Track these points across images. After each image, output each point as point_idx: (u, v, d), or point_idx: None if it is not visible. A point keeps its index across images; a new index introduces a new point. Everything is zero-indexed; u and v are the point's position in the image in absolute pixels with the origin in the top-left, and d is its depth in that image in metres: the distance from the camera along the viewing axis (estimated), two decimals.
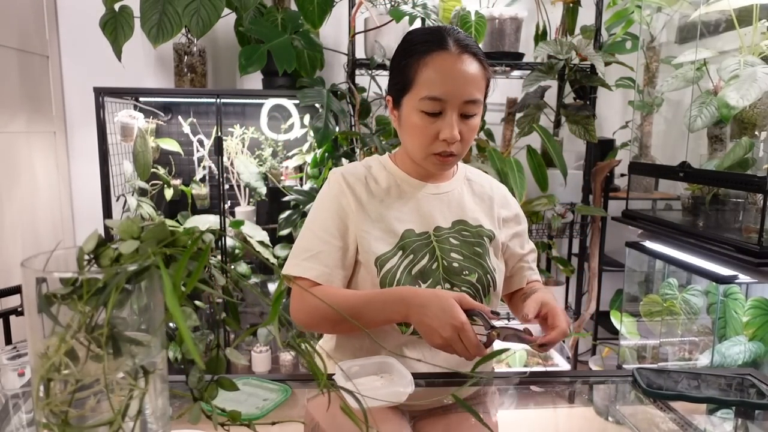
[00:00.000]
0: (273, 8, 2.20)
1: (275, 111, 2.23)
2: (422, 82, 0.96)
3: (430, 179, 1.08)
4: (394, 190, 1.06)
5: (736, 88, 1.48)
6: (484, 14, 2.10)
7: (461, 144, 0.99)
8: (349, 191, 1.04)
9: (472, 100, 0.96)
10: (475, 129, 1.00)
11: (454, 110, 0.96)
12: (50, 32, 2.24)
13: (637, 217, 1.93)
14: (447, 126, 0.96)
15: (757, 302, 1.53)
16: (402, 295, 0.91)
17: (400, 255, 1.00)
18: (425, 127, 0.97)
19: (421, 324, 0.87)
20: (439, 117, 0.96)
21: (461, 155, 1.02)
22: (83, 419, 0.44)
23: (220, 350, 0.57)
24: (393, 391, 0.79)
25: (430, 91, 0.95)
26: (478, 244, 1.05)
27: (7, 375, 0.79)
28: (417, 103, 0.97)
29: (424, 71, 0.96)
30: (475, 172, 1.16)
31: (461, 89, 0.95)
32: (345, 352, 1.07)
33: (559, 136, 2.43)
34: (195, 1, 1.74)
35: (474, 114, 0.98)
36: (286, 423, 0.77)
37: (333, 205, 1.04)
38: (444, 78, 0.95)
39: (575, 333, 2.41)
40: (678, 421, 0.88)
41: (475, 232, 1.06)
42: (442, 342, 0.86)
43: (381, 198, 1.05)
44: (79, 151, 2.36)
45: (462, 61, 0.95)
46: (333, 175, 1.07)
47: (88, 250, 0.46)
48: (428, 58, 0.96)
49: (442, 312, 0.85)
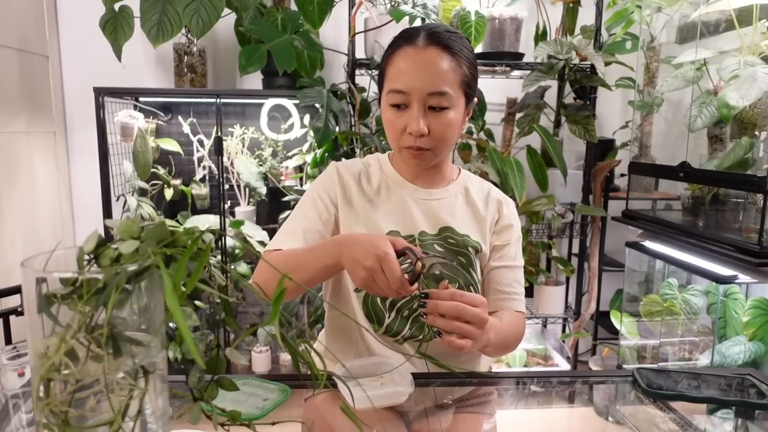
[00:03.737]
0: (273, 8, 2.20)
1: (275, 111, 2.23)
2: (389, 76, 0.98)
3: (422, 182, 1.07)
4: (384, 190, 1.07)
5: (736, 88, 1.48)
6: (484, 14, 2.10)
7: (432, 139, 0.97)
8: (339, 186, 1.05)
9: (437, 92, 0.94)
10: (449, 124, 0.97)
11: (419, 103, 0.95)
12: (50, 32, 2.24)
13: (637, 217, 1.93)
14: (412, 119, 0.95)
15: (757, 302, 1.53)
16: (338, 237, 0.91)
17: None
18: (394, 120, 0.98)
19: (348, 259, 0.84)
20: (406, 110, 0.97)
21: (437, 150, 0.99)
22: (83, 419, 0.44)
23: (220, 350, 0.56)
24: (393, 391, 0.79)
25: (394, 84, 0.96)
26: (462, 254, 1.03)
27: (7, 375, 0.79)
28: (386, 97, 0.98)
29: (391, 65, 0.98)
30: (477, 183, 1.13)
31: (424, 81, 0.94)
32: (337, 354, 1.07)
33: (559, 136, 2.43)
34: (195, 1, 1.74)
35: (444, 107, 0.96)
36: (286, 423, 0.77)
37: (321, 192, 1.06)
38: (406, 70, 0.96)
39: (575, 333, 2.41)
40: (678, 421, 0.88)
41: (461, 241, 1.04)
42: (365, 275, 0.82)
43: (370, 197, 1.06)
44: (79, 151, 2.36)
45: (427, 53, 0.95)
46: (330, 166, 1.09)
47: (88, 250, 0.46)
48: (396, 52, 0.98)
49: (369, 244, 0.82)
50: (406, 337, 1.02)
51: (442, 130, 0.97)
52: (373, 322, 1.02)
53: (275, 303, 0.50)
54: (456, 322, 0.80)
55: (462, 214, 1.07)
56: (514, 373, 2.23)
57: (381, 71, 1.02)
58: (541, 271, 2.48)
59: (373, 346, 1.03)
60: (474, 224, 1.07)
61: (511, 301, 1.07)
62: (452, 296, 0.81)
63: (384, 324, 1.02)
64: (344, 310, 1.05)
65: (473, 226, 1.07)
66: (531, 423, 0.98)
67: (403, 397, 0.79)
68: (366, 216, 1.04)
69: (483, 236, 1.07)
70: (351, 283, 1.02)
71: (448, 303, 0.80)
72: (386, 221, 1.03)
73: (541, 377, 1.08)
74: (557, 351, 2.50)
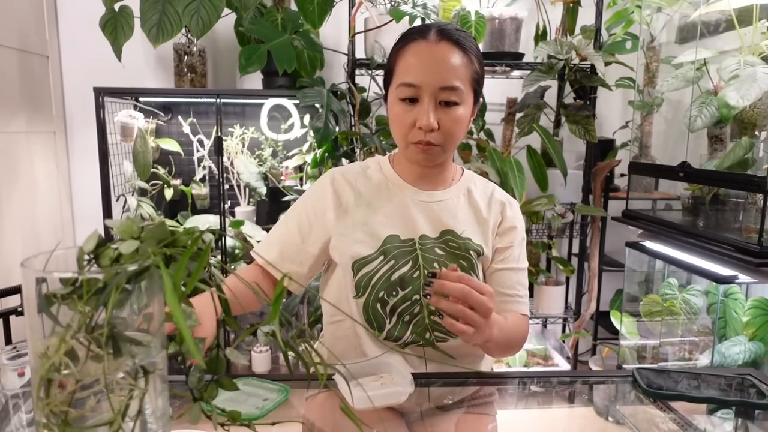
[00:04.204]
0: (273, 8, 2.20)
1: (275, 111, 2.23)
2: (400, 70, 0.97)
3: (424, 184, 1.05)
4: (384, 193, 1.05)
5: (736, 88, 1.48)
6: (484, 14, 2.10)
7: (441, 134, 0.96)
8: (332, 196, 1.04)
9: (449, 86, 0.93)
10: (459, 120, 0.96)
11: (430, 97, 0.94)
12: (50, 32, 2.24)
13: (637, 217, 1.93)
14: (423, 113, 0.94)
15: (757, 302, 1.53)
16: None
17: (381, 259, 1.00)
18: (403, 114, 0.96)
19: None
20: (416, 104, 0.95)
21: (445, 146, 0.98)
22: (83, 419, 0.44)
23: (219, 350, 0.56)
24: (393, 391, 0.79)
25: (405, 77, 0.95)
26: (464, 257, 1.02)
27: (7, 375, 0.79)
28: (396, 91, 0.97)
29: (402, 59, 0.97)
30: (480, 184, 1.11)
31: (436, 75, 0.93)
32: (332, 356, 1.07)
33: (559, 136, 2.43)
34: (195, 1, 1.74)
35: (455, 102, 0.95)
36: (286, 423, 0.77)
37: (308, 204, 1.06)
38: (418, 63, 0.94)
39: (575, 333, 2.41)
40: (678, 421, 0.88)
41: (462, 244, 1.03)
42: None
43: (369, 201, 1.04)
44: (79, 151, 2.36)
45: (439, 47, 0.94)
46: (325, 176, 1.08)
47: (88, 250, 0.46)
48: (407, 46, 0.97)
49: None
50: (407, 342, 1.01)
51: (451, 125, 0.96)
52: (374, 328, 1.01)
53: (275, 303, 0.50)
54: (460, 305, 0.78)
55: (464, 216, 1.05)
56: (515, 373, 2.23)
57: (389, 66, 1.01)
58: (541, 271, 2.48)
59: (374, 352, 1.02)
60: (476, 227, 1.06)
61: (515, 303, 1.05)
62: (459, 279, 0.78)
63: (385, 330, 1.01)
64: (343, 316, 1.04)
65: (475, 228, 1.05)
66: (531, 423, 0.98)
67: (403, 397, 0.78)
68: (363, 221, 1.02)
69: (485, 239, 1.05)
70: (350, 289, 1.01)
71: (454, 284, 0.78)
72: (385, 225, 1.02)
73: (541, 377, 1.08)
74: (557, 351, 2.50)
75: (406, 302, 1.00)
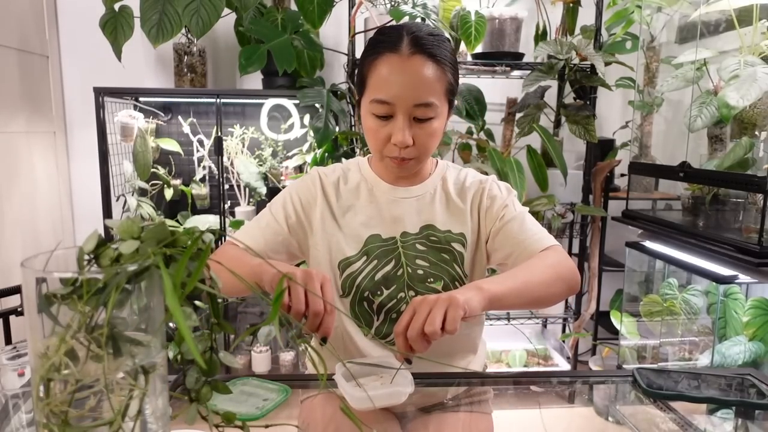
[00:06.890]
0: (273, 8, 2.20)
1: (275, 111, 2.23)
2: (372, 85, 0.94)
3: (401, 182, 1.05)
4: (365, 193, 1.05)
5: (736, 88, 1.48)
6: (484, 14, 2.10)
7: (416, 149, 0.95)
8: (320, 193, 1.04)
9: (423, 103, 0.91)
10: (433, 133, 0.95)
11: (404, 114, 0.92)
12: (50, 32, 2.24)
13: (637, 217, 1.93)
14: (397, 130, 0.92)
15: (757, 302, 1.53)
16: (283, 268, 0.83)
17: (364, 260, 1.01)
18: (377, 129, 0.95)
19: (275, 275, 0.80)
20: (390, 120, 0.93)
21: (420, 158, 0.98)
22: (83, 419, 0.44)
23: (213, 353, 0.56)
24: (393, 391, 0.79)
25: (377, 94, 0.92)
26: (445, 250, 1.02)
27: (7, 375, 0.79)
28: (368, 106, 0.95)
29: (374, 73, 0.94)
30: (452, 171, 1.09)
31: (410, 92, 0.91)
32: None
33: (559, 136, 2.43)
34: (195, 1, 1.74)
35: (429, 118, 0.93)
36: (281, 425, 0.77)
37: (295, 197, 1.05)
38: (391, 81, 0.91)
39: (575, 333, 2.41)
40: (678, 421, 0.88)
41: (443, 238, 1.02)
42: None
43: (350, 202, 1.04)
44: (79, 151, 2.36)
45: (412, 62, 0.91)
46: (312, 171, 1.08)
47: (88, 250, 0.46)
48: (378, 59, 0.93)
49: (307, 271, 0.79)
50: None
51: (426, 140, 0.95)
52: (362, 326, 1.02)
53: (275, 302, 0.50)
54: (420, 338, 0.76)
55: (441, 208, 1.05)
56: (514, 373, 2.23)
57: (361, 75, 0.98)
58: None
59: (365, 348, 1.02)
60: (453, 217, 1.04)
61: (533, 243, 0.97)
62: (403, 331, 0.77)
63: (373, 327, 1.02)
64: None
65: (453, 218, 1.04)
66: (531, 423, 0.98)
67: (404, 397, 0.78)
68: (346, 221, 1.03)
69: (465, 226, 1.04)
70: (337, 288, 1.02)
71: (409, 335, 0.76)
72: (366, 226, 1.02)
73: (541, 377, 1.08)
74: (557, 351, 2.50)
75: (392, 300, 1.01)
